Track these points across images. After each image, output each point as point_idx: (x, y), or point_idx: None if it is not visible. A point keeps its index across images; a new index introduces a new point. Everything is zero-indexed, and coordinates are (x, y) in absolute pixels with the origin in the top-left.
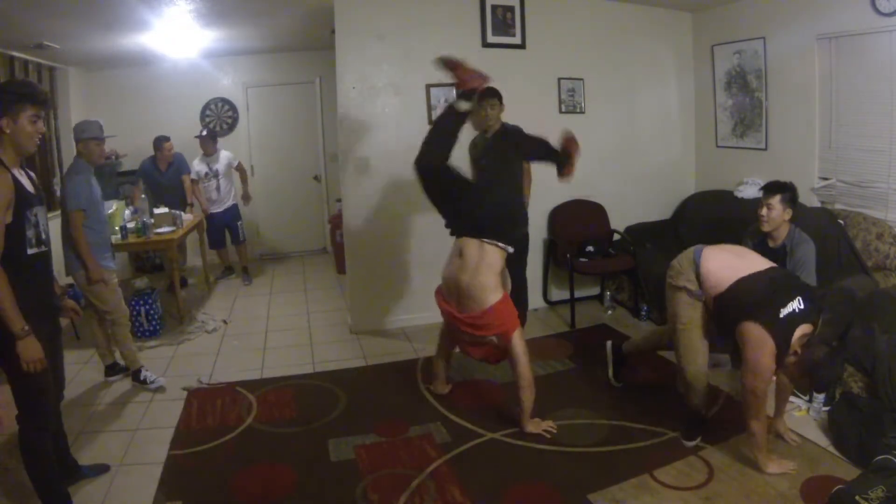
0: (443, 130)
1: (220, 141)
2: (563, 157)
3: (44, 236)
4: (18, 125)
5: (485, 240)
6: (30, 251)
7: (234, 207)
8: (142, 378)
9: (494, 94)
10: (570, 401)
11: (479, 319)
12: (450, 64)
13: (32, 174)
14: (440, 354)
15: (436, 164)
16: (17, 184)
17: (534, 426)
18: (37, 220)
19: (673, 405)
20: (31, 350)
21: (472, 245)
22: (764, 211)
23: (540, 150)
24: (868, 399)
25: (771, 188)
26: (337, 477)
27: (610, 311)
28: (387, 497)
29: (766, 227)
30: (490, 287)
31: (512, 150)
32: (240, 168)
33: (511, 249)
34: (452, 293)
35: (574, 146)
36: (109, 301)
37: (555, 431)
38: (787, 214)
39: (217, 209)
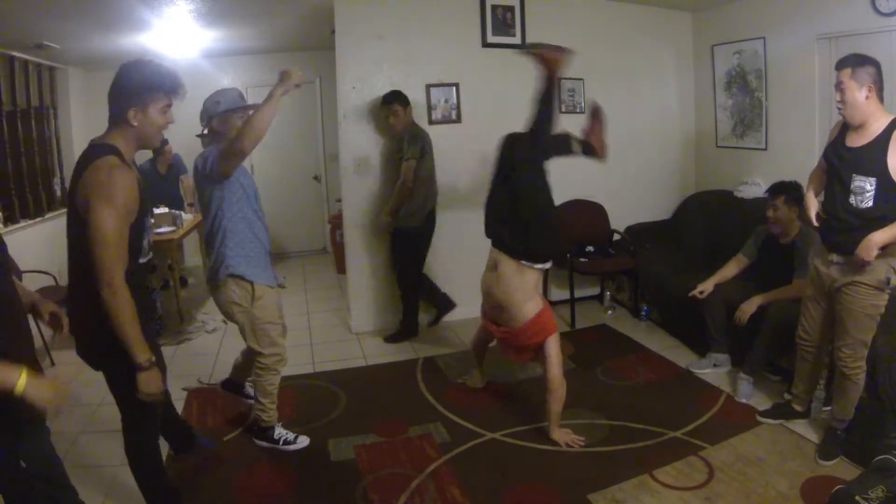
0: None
1: None
2: (585, 145)
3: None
4: (148, 116)
5: (522, 262)
6: (142, 260)
7: None
8: (276, 437)
9: (391, 101)
10: (571, 401)
11: (520, 332)
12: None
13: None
14: (477, 348)
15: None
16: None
17: (559, 435)
18: (146, 225)
19: (673, 405)
20: (152, 383)
21: (508, 264)
22: (770, 213)
23: (554, 146)
24: (868, 399)
25: (775, 190)
26: (337, 477)
27: (610, 311)
28: (387, 497)
29: (774, 229)
30: (525, 301)
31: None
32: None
33: (548, 266)
34: (489, 303)
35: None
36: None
37: (581, 444)
38: (795, 213)
39: None
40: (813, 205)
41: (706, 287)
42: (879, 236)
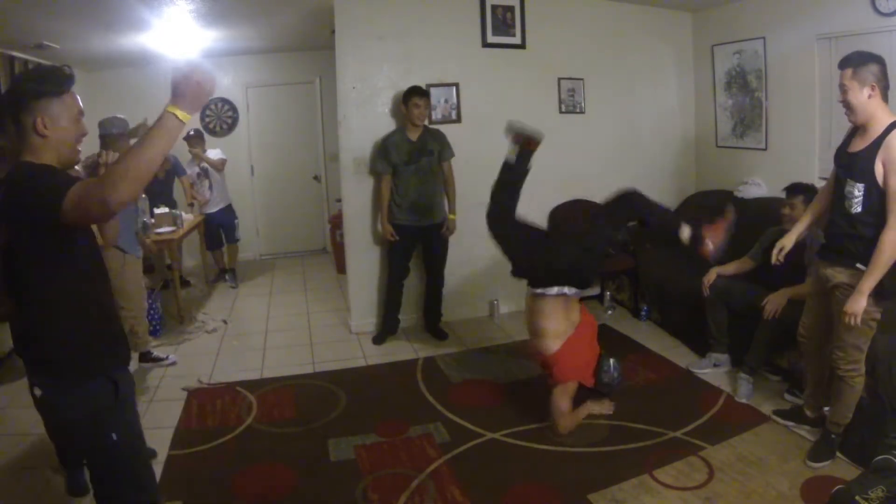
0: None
1: (221, 141)
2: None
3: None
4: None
5: (536, 290)
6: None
7: (229, 207)
8: (153, 356)
9: (420, 93)
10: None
11: (547, 363)
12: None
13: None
14: None
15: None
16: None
17: (593, 408)
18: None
19: (673, 405)
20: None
21: (528, 292)
22: (787, 210)
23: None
24: (868, 399)
25: (794, 189)
26: (337, 477)
27: (610, 311)
28: (387, 497)
29: (788, 226)
30: (547, 334)
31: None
32: (213, 163)
33: (565, 291)
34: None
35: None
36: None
37: (612, 409)
38: None
39: (212, 209)
40: (792, 235)
41: (709, 277)
42: (866, 284)
